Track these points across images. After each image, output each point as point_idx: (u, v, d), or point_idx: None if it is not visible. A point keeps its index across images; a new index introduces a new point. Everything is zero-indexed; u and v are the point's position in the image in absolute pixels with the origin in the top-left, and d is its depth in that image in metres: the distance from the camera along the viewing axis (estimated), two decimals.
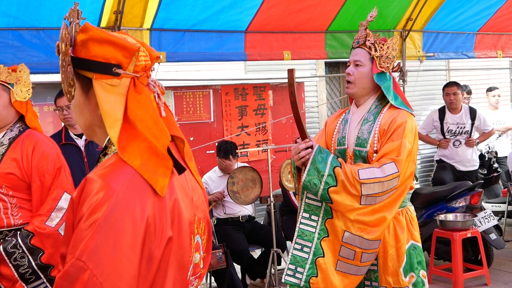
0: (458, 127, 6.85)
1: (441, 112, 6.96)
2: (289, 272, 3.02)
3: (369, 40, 3.13)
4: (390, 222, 2.99)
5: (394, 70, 3.18)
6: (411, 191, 5.99)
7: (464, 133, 6.84)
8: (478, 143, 7.07)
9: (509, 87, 11.07)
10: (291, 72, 2.95)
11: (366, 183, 2.86)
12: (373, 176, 2.87)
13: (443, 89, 6.99)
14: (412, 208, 3.30)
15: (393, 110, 3.06)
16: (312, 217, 3.04)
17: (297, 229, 3.07)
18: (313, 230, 3.03)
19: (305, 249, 3.01)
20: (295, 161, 3.05)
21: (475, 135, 7.04)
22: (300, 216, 3.08)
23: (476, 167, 7.04)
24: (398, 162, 2.90)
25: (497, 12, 6.51)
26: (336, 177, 2.89)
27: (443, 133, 6.92)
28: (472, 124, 6.88)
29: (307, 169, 2.94)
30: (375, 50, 3.10)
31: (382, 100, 3.14)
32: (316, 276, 2.96)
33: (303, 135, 3.05)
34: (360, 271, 2.99)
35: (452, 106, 6.85)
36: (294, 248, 3.05)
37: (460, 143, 6.83)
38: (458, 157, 6.87)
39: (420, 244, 3.16)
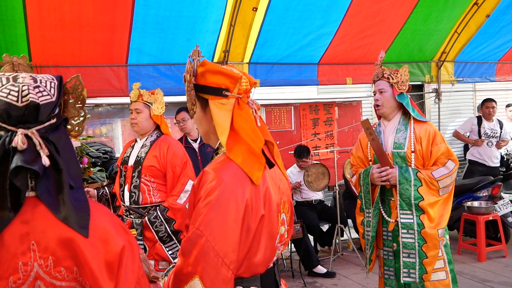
0: (492, 131, 6.62)
1: (479, 119, 6.73)
2: (405, 275, 2.95)
3: (386, 73, 3.11)
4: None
5: (408, 91, 3.13)
6: None
7: (496, 137, 6.62)
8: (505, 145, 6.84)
9: None
10: (365, 122, 3.01)
11: (440, 180, 2.90)
12: (443, 173, 2.91)
13: (483, 103, 6.72)
14: None
15: (419, 123, 3.02)
16: (409, 230, 2.93)
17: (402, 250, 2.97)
18: (414, 251, 2.92)
19: (412, 255, 2.93)
20: (376, 180, 2.98)
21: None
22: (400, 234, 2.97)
23: (499, 165, 6.76)
24: (454, 160, 2.96)
25: None
26: (420, 179, 2.91)
27: (479, 135, 6.65)
28: (500, 131, 6.66)
29: (398, 180, 2.92)
30: (392, 79, 3.08)
31: (405, 115, 3.09)
32: (427, 273, 2.90)
33: (386, 163, 2.99)
34: None
35: (490, 116, 6.64)
36: (403, 257, 2.95)
37: (492, 144, 6.61)
38: (489, 154, 6.60)
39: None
